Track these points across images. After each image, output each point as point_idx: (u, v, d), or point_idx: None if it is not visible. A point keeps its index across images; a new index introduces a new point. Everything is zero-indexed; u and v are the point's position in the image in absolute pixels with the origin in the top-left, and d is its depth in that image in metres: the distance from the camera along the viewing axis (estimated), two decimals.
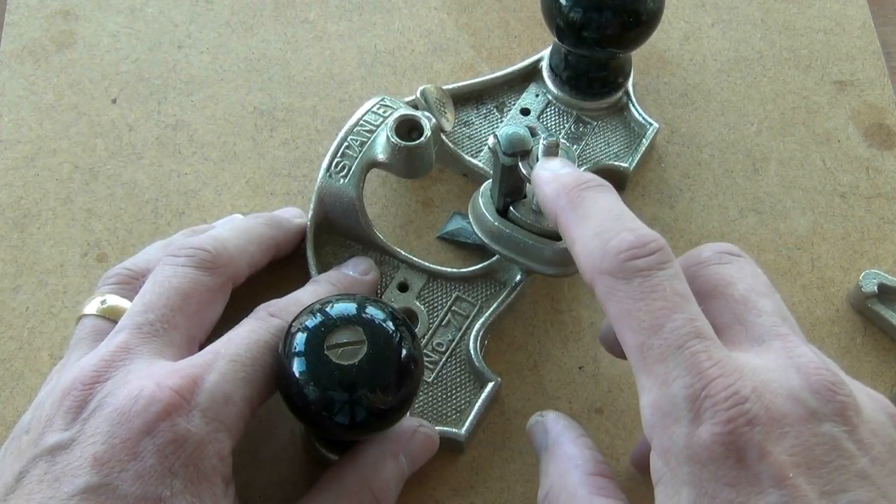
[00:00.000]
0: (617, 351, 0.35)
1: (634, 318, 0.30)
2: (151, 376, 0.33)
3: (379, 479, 0.37)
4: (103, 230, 0.48)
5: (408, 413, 0.39)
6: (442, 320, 0.44)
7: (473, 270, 0.45)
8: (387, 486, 0.37)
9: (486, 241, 0.43)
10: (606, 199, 0.34)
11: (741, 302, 0.32)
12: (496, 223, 0.42)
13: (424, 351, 0.43)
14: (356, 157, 0.44)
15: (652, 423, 0.30)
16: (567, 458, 0.34)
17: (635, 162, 0.49)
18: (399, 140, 0.42)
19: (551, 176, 0.37)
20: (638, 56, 0.52)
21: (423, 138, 0.43)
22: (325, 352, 0.34)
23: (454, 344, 0.43)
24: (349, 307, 0.35)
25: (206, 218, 0.48)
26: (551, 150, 0.39)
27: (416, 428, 0.39)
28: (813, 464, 0.28)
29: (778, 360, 0.30)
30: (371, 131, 0.44)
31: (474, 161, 0.49)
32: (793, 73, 0.54)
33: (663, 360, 0.30)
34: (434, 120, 0.44)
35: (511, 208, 0.42)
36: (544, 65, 0.51)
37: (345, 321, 0.35)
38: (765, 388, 0.29)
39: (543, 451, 0.36)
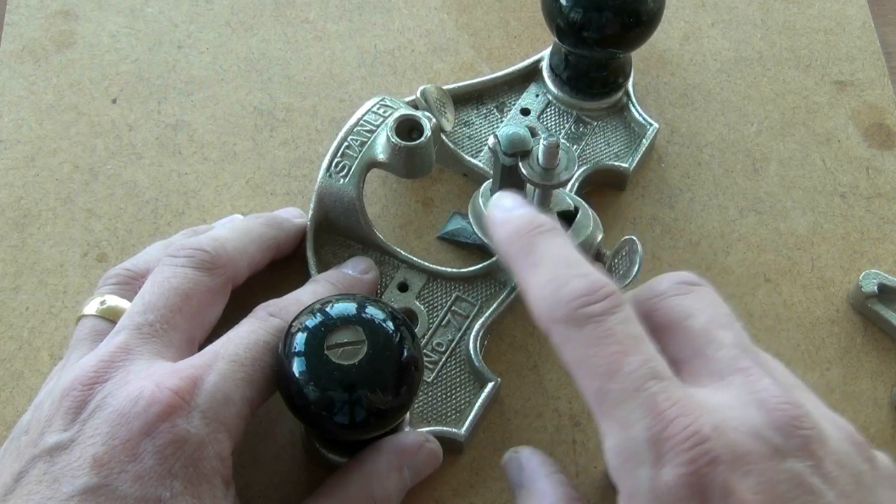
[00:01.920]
0: None
1: (590, 364, 0.30)
2: (151, 377, 0.33)
3: (383, 489, 0.37)
4: (103, 230, 0.48)
5: (408, 414, 0.40)
6: (442, 320, 0.44)
7: (473, 270, 0.45)
8: (389, 498, 0.37)
9: (486, 241, 0.43)
10: (557, 244, 0.34)
11: (701, 335, 0.32)
12: None
13: (424, 351, 0.43)
14: (356, 157, 0.44)
15: (616, 468, 0.30)
16: (541, 496, 0.34)
17: (635, 162, 0.49)
18: (399, 140, 0.42)
19: (503, 218, 0.36)
20: (638, 56, 0.52)
21: (423, 138, 0.43)
22: (325, 352, 0.34)
23: (454, 344, 0.43)
24: (349, 307, 0.35)
25: (206, 218, 0.48)
26: (551, 150, 0.39)
27: (423, 443, 0.39)
28: (777, 501, 0.27)
29: (739, 396, 0.30)
30: (371, 131, 0.44)
31: (474, 161, 0.48)
32: (793, 73, 0.54)
33: (622, 404, 0.29)
34: (434, 120, 0.44)
35: None
36: (544, 65, 0.51)
37: (345, 321, 0.35)
38: (726, 425, 0.28)
39: (518, 487, 0.36)
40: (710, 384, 0.31)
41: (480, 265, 0.45)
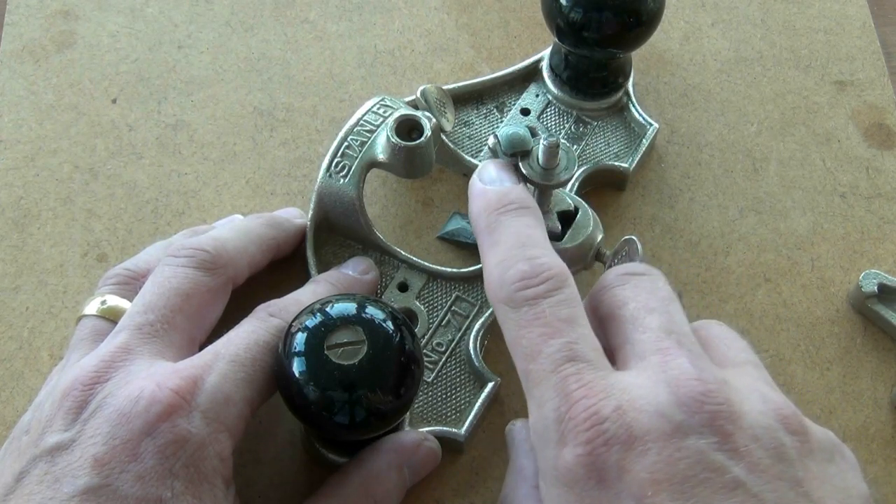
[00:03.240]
0: None
1: (520, 345, 0.31)
2: (152, 377, 0.33)
3: (382, 488, 0.37)
4: (103, 230, 0.48)
5: (408, 414, 0.40)
6: (442, 320, 0.44)
7: (473, 270, 0.45)
8: (389, 497, 0.37)
9: None
10: (518, 224, 0.35)
11: (629, 321, 0.33)
12: None
13: (424, 351, 0.43)
14: (356, 157, 0.44)
15: (534, 446, 0.31)
16: (518, 471, 0.35)
17: (635, 162, 0.49)
18: (399, 140, 0.42)
19: (480, 190, 0.37)
20: (638, 56, 0.52)
21: (423, 138, 0.43)
22: (325, 352, 0.34)
23: (454, 344, 0.43)
24: (349, 307, 0.35)
25: (206, 218, 0.48)
26: (552, 150, 0.39)
27: (422, 441, 0.39)
28: (676, 479, 0.27)
29: (651, 376, 0.30)
30: (371, 131, 0.44)
31: (474, 161, 0.48)
32: (793, 73, 0.54)
33: (539, 384, 0.30)
34: (434, 120, 0.44)
35: None
36: (544, 65, 0.51)
37: (345, 321, 0.35)
38: (630, 405, 0.29)
39: (510, 459, 0.37)
40: (634, 367, 0.31)
41: (480, 265, 0.45)
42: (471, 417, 0.41)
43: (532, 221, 0.35)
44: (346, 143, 0.44)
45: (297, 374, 0.34)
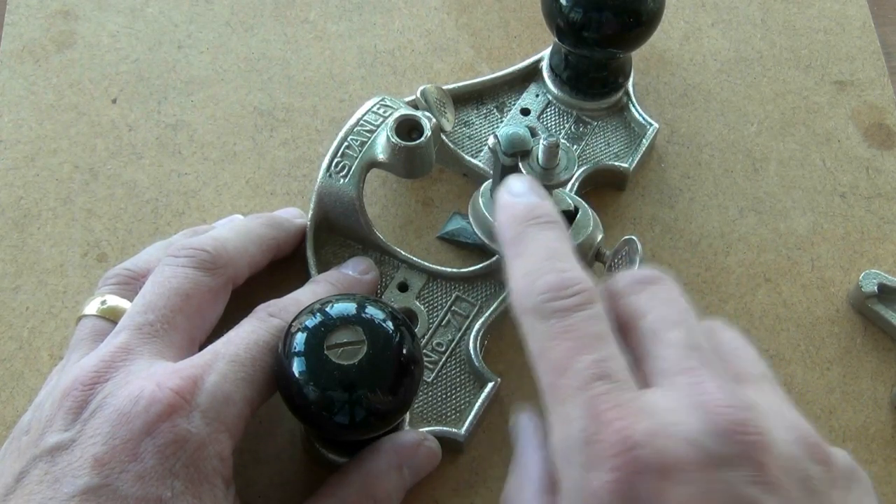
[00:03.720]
0: None
1: (546, 357, 0.30)
2: (152, 377, 0.33)
3: (382, 488, 0.37)
4: (103, 230, 0.48)
5: (408, 414, 0.40)
6: (442, 320, 0.44)
7: (473, 270, 0.45)
8: (389, 497, 0.37)
9: (486, 241, 0.43)
10: (546, 237, 0.34)
11: (649, 335, 0.31)
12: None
13: (424, 351, 0.43)
14: (356, 157, 0.44)
15: (557, 463, 0.29)
16: (523, 468, 0.34)
17: (635, 162, 0.49)
18: (399, 140, 0.42)
19: (508, 202, 0.36)
20: (638, 56, 0.52)
21: (423, 138, 0.43)
22: (325, 352, 0.34)
23: (454, 344, 0.43)
24: (349, 307, 0.35)
25: (206, 218, 0.48)
26: (552, 150, 0.39)
27: (421, 441, 0.39)
28: None
29: (681, 399, 0.29)
30: (371, 131, 0.44)
31: (474, 161, 0.49)
32: (793, 73, 0.54)
33: (566, 401, 0.29)
34: (434, 120, 0.44)
35: None
36: (544, 65, 0.51)
37: (345, 321, 0.35)
38: (663, 431, 0.27)
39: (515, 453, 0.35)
40: (659, 385, 0.30)
41: (480, 265, 0.45)
42: (471, 417, 0.41)
43: (560, 235, 0.34)
44: (346, 143, 0.44)
45: (297, 374, 0.34)
